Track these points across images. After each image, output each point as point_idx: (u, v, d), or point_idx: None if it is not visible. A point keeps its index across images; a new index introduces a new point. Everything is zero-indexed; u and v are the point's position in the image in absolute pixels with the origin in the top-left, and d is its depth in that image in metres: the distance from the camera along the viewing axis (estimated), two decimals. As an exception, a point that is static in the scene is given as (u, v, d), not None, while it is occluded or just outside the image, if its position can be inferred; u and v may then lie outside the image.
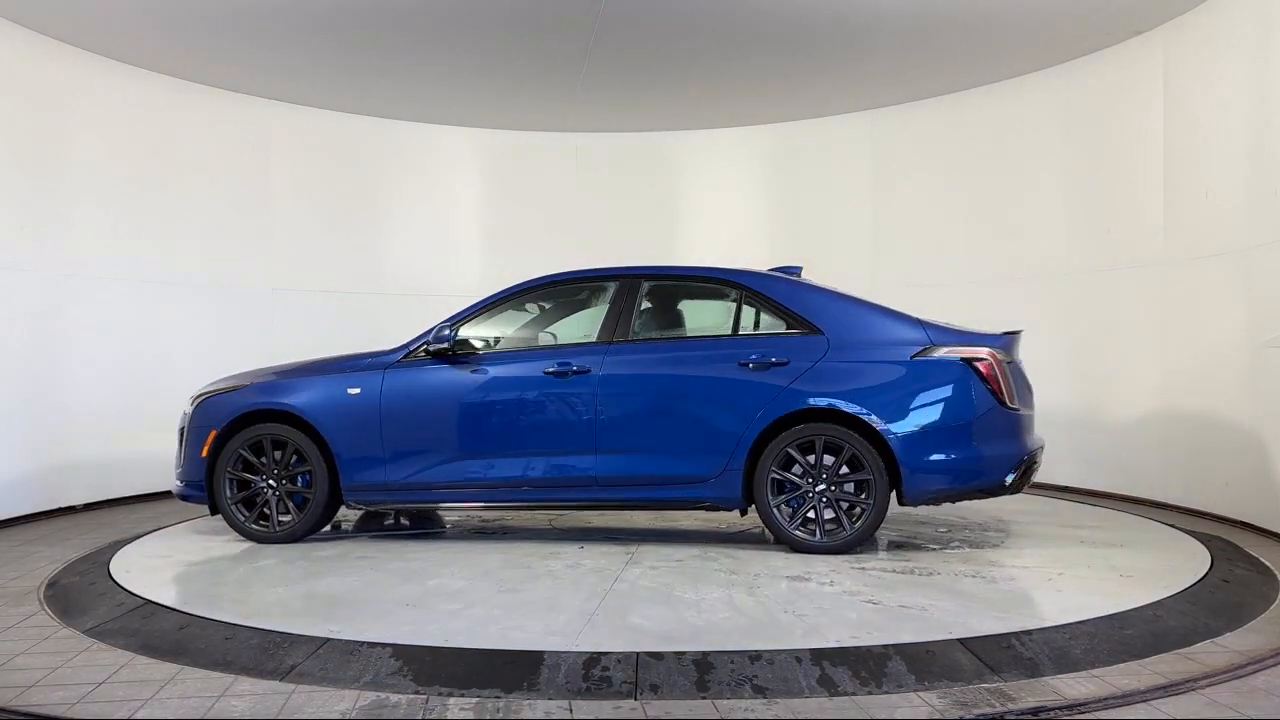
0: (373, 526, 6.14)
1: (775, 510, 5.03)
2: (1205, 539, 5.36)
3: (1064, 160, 7.60)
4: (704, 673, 3.29)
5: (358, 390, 5.47)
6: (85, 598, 4.46)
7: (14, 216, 6.62)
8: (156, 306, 7.67)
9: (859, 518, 4.94)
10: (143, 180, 7.59)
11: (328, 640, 3.61)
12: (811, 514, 5.01)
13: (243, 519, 5.52)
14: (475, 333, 5.52)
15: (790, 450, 4.99)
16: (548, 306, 5.81)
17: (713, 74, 7.80)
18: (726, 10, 6.48)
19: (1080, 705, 3.08)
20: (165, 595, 4.31)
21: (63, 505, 6.96)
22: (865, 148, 8.85)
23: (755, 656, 3.39)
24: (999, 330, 5.18)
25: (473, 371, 5.39)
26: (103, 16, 6.58)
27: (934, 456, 4.90)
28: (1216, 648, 3.64)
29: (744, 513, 5.18)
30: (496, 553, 5.18)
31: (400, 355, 5.51)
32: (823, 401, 4.96)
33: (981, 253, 8.13)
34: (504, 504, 5.47)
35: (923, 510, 6.10)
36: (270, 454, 5.50)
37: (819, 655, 3.39)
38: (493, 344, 5.57)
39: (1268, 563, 4.92)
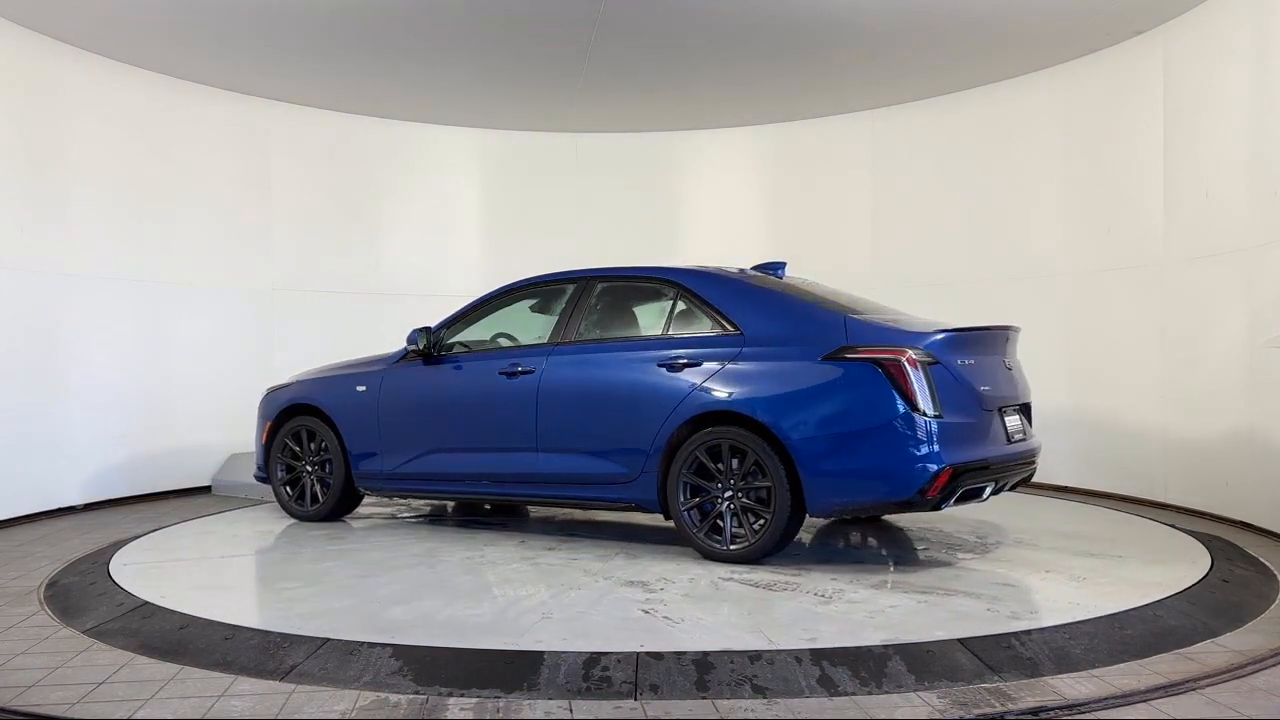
0: (474, 513, 6.49)
1: (685, 515, 4.88)
2: (1205, 539, 5.35)
3: (1064, 160, 7.60)
4: (704, 673, 3.29)
5: (364, 389, 6.01)
6: (85, 598, 4.46)
7: (14, 216, 6.61)
8: (156, 306, 7.66)
9: (763, 527, 4.69)
10: (142, 180, 7.58)
11: (327, 640, 3.61)
12: (727, 521, 4.79)
13: (288, 498, 6.26)
14: (456, 336, 5.85)
15: (699, 454, 4.83)
16: (528, 308, 5.92)
17: (713, 74, 7.80)
18: (726, 10, 6.48)
19: (1080, 705, 3.08)
20: (165, 595, 4.31)
21: (63, 505, 6.95)
22: (865, 148, 8.85)
23: (755, 656, 3.39)
24: (951, 326, 4.79)
25: (444, 373, 5.76)
26: (103, 16, 6.58)
27: (834, 465, 4.54)
28: (1216, 648, 3.64)
29: (667, 516, 5.03)
30: (438, 540, 5.56)
31: (398, 357, 5.94)
32: (724, 404, 4.77)
33: (981, 253, 8.12)
34: (468, 496, 5.84)
35: (947, 519, 5.89)
36: (305, 444, 6.17)
37: (819, 655, 3.39)
38: (476, 345, 5.84)
39: (1268, 563, 4.92)
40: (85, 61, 7.13)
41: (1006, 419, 4.90)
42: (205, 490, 7.88)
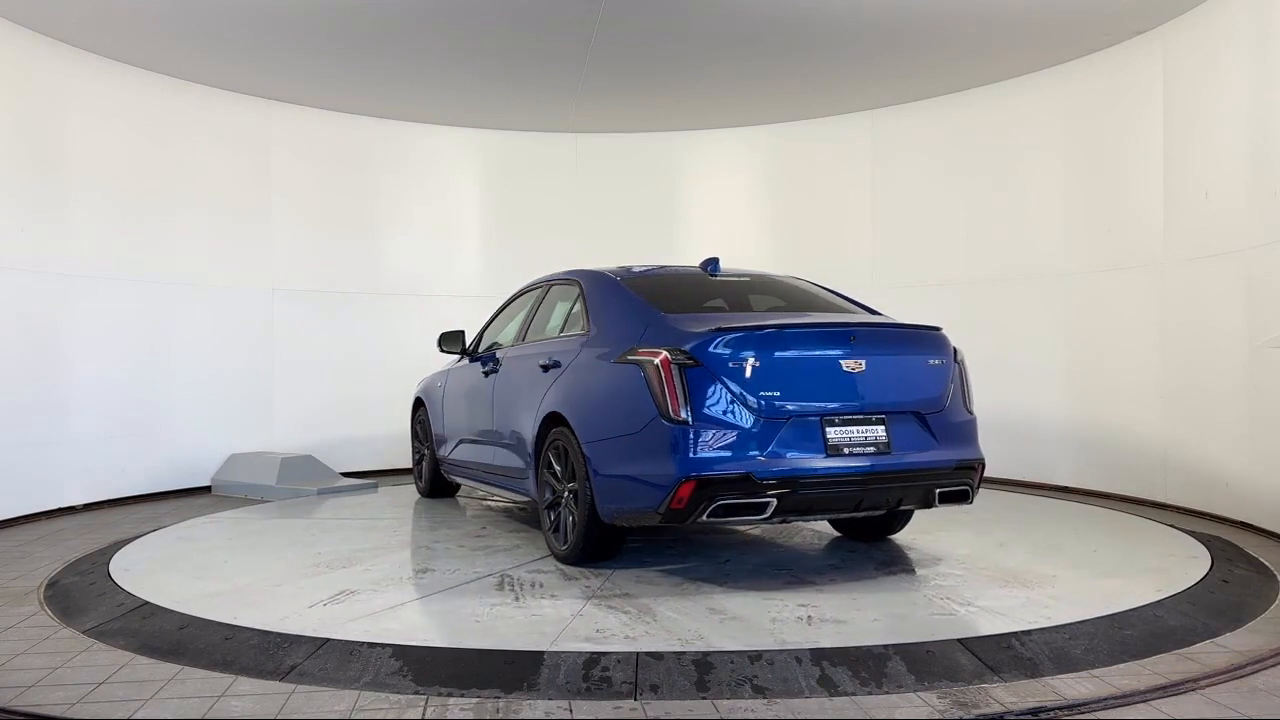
0: None
1: (543, 512, 5.00)
2: (1205, 539, 5.35)
3: (1064, 160, 7.60)
4: (704, 673, 3.29)
5: (440, 385, 6.87)
6: (85, 598, 4.46)
7: (14, 216, 6.61)
8: (156, 306, 7.66)
9: (573, 530, 4.65)
10: (143, 180, 7.58)
11: (328, 640, 3.61)
12: (564, 520, 4.81)
13: (416, 477, 7.40)
14: (494, 336, 6.34)
15: (550, 454, 4.90)
16: (534, 310, 6.08)
17: (712, 74, 7.80)
18: (726, 11, 6.48)
19: (1080, 705, 3.08)
20: (165, 595, 4.31)
21: (63, 505, 6.95)
22: (865, 148, 8.85)
23: (755, 656, 3.39)
24: (734, 324, 4.38)
25: (470, 371, 6.31)
26: (103, 16, 6.58)
27: (610, 471, 4.39)
28: (1216, 648, 3.64)
29: None
30: (421, 525, 6.10)
31: (459, 357, 6.64)
32: (556, 405, 4.85)
33: (981, 253, 8.12)
34: (475, 483, 6.28)
35: (957, 531, 5.59)
36: (423, 432, 7.19)
37: (819, 655, 3.39)
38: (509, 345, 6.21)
39: (1268, 563, 4.92)
40: (85, 61, 7.13)
41: (832, 429, 4.24)
42: (205, 490, 7.88)
